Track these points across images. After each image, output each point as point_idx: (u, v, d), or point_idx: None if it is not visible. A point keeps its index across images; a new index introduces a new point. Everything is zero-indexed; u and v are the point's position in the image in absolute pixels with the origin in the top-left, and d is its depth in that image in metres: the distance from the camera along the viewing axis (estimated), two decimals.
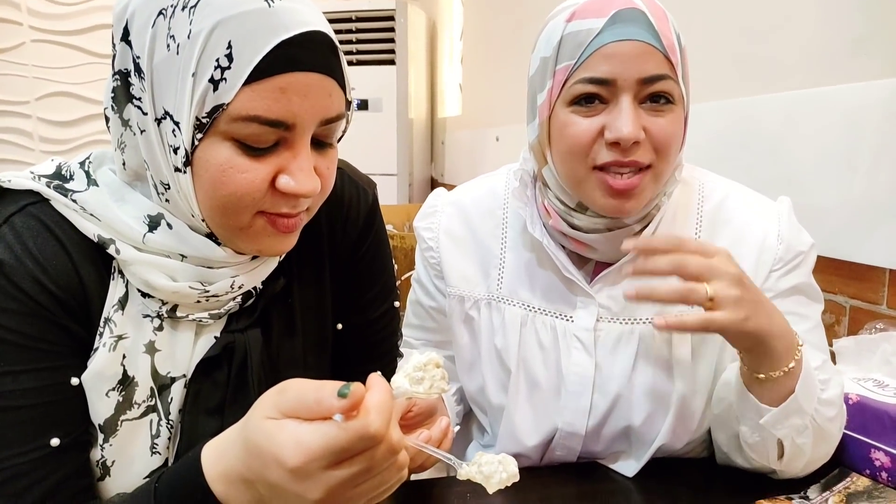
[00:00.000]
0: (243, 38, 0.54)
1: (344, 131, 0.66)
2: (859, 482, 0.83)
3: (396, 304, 0.83)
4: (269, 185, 0.59)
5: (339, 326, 0.77)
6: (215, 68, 0.54)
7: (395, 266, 2.17)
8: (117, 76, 0.59)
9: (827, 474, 0.84)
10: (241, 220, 0.60)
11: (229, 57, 0.54)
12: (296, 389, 0.47)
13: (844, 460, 0.85)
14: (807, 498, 0.80)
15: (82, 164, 0.64)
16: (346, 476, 0.45)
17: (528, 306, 0.89)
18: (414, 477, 1.08)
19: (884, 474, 0.82)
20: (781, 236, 0.84)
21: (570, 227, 0.84)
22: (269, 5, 0.55)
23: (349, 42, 3.59)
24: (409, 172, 3.70)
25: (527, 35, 2.62)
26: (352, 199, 0.77)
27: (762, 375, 0.72)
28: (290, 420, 0.45)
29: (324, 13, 0.61)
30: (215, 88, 0.54)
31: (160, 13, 0.55)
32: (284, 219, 0.61)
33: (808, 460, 0.79)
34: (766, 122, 1.19)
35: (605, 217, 0.81)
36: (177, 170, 0.58)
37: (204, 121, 0.55)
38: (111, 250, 0.59)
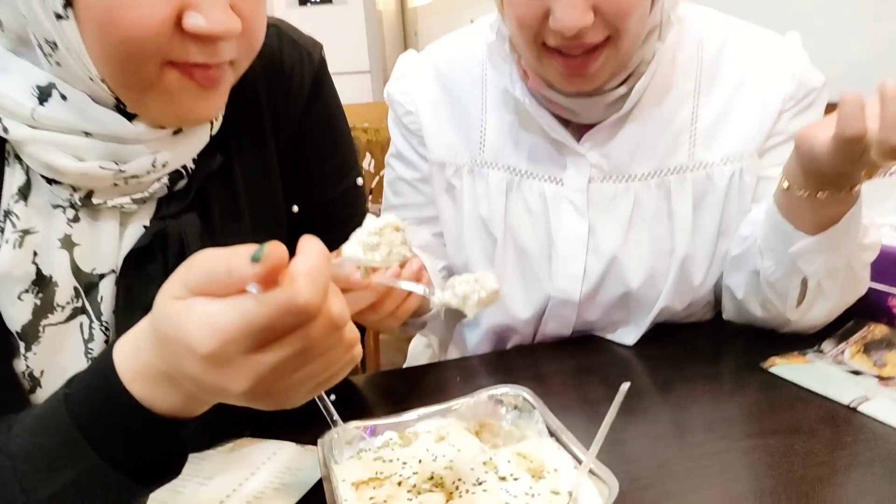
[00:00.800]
0: None
1: None
2: (876, 331, 0.78)
3: (359, 181, 0.73)
4: (176, 28, 0.47)
5: (295, 209, 0.68)
6: None
7: (373, 162, 2.05)
8: None
9: (842, 326, 0.79)
10: (146, 74, 0.48)
11: None
12: (204, 261, 0.36)
13: (860, 310, 0.79)
14: (821, 351, 0.75)
15: None
16: (275, 361, 0.36)
17: (514, 170, 0.82)
18: (399, 367, 1.02)
19: None
20: (792, 73, 0.77)
21: (551, 90, 0.75)
22: None
23: None
24: (382, 69, 3.52)
25: None
26: (294, 64, 0.66)
27: (822, 193, 0.63)
28: (200, 298, 0.35)
29: None
30: None
31: None
32: (202, 69, 0.50)
33: (832, 310, 0.74)
34: None
35: None
36: (59, 17, 0.46)
37: None
38: None
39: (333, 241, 0.70)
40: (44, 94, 0.50)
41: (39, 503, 0.40)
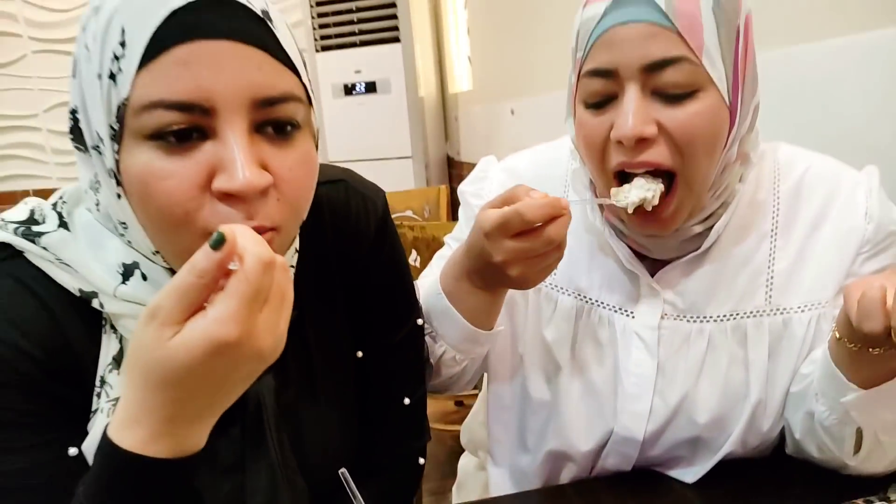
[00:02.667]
0: (134, 19, 0.46)
1: (316, 135, 0.57)
2: None
3: (420, 321, 0.76)
4: (208, 193, 0.49)
5: (360, 354, 0.71)
6: (112, 60, 0.47)
7: (418, 259, 2.08)
8: (70, 116, 0.52)
9: None
10: (189, 244, 0.47)
11: (123, 44, 0.47)
12: (165, 293, 0.42)
13: None
14: (887, 499, 0.72)
15: (55, 205, 0.58)
16: (271, 311, 0.44)
17: (584, 297, 0.81)
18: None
19: None
20: (870, 214, 0.74)
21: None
22: None
23: (350, 23, 3.49)
24: (424, 153, 3.61)
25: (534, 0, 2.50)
26: (360, 214, 0.70)
27: (876, 350, 0.61)
28: (191, 319, 0.42)
29: None
30: (115, 83, 0.47)
31: (83, 29, 0.50)
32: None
33: (891, 462, 0.71)
34: (808, 73, 1.09)
35: None
36: (118, 197, 0.51)
37: (116, 127, 0.48)
38: (95, 304, 0.53)
39: (398, 382, 0.73)
40: (127, 272, 0.54)
41: None
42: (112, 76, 0.47)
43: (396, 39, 3.45)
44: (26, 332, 0.52)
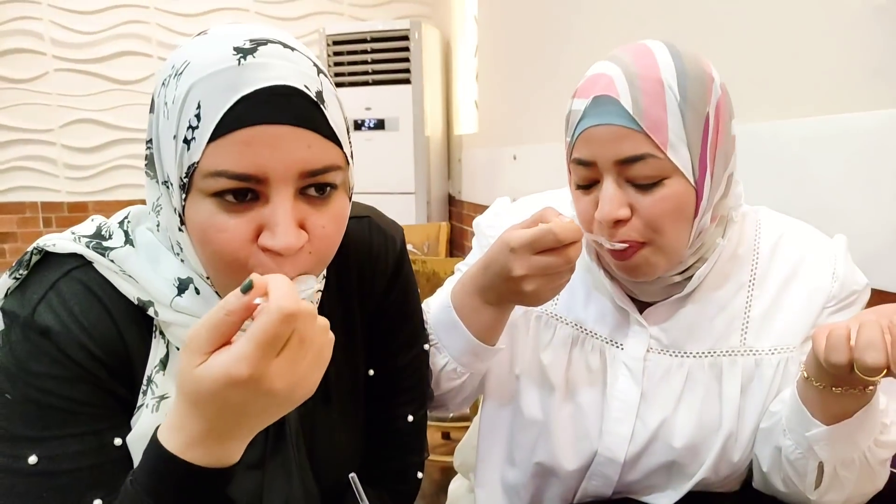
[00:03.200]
0: (210, 97, 0.55)
1: (351, 190, 0.66)
2: None
3: (426, 346, 0.84)
4: (254, 244, 0.58)
5: (371, 373, 0.78)
6: (188, 129, 0.56)
7: (418, 291, 2.18)
8: (148, 145, 0.62)
9: None
10: (236, 279, 0.57)
11: (198, 116, 0.55)
12: (201, 327, 0.48)
13: (883, 497, 0.84)
14: None
15: (121, 223, 0.66)
16: (290, 358, 0.48)
17: (580, 327, 0.90)
18: None
19: None
20: (836, 274, 0.84)
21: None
22: (239, 63, 0.55)
23: (364, 63, 3.62)
24: (426, 190, 3.72)
25: (541, 53, 2.64)
26: (380, 249, 0.78)
27: (838, 389, 0.70)
28: (216, 352, 0.48)
29: (338, 34, 0.63)
30: (188, 148, 0.56)
31: (163, 83, 0.59)
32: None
33: (848, 497, 0.78)
34: (787, 147, 1.19)
35: None
36: (179, 230, 0.60)
37: (185, 181, 0.57)
38: (150, 312, 0.61)
39: (403, 400, 0.80)
40: (183, 286, 0.62)
41: None
42: (186, 141, 0.56)
43: (407, 81, 3.58)
44: (91, 334, 0.60)
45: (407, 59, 3.58)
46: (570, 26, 2.25)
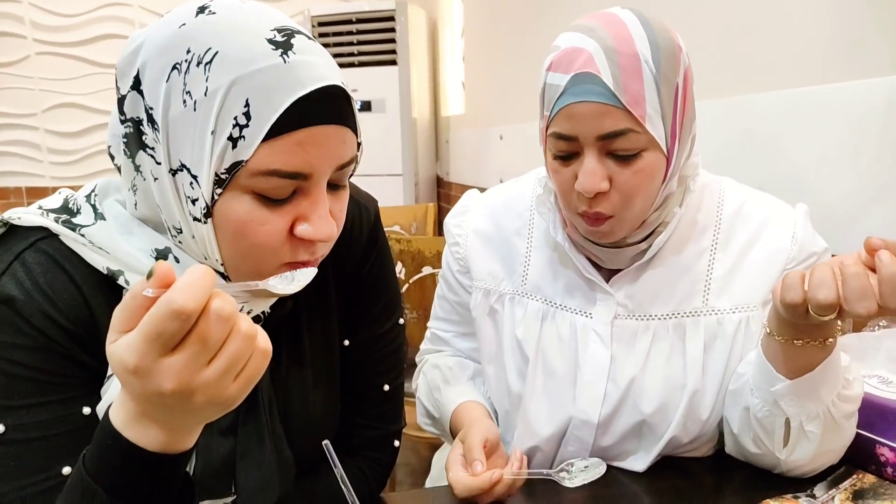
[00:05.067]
0: (260, 96, 0.55)
1: (354, 169, 0.66)
2: (865, 479, 0.84)
3: (401, 321, 0.84)
4: (290, 236, 0.60)
5: (346, 343, 0.79)
6: (234, 126, 0.55)
7: (403, 270, 2.17)
8: (129, 123, 0.59)
9: (833, 472, 0.85)
10: (264, 269, 0.61)
11: (247, 115, 0.55)
12: (118, 305, 0.45)
13: (850, 457, 0.86)
14: (813, 496, 0.81)
15: (88, 197, 0.66)
16: (185, 360, 0.43)
17: (550, 301, 0.94)
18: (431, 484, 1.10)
19: (889, 469, 0.83)
20: (796, 237, 0.88)
21: (584, 238, 0.88)
22: (285, 61, 0.55)
23: (350, 44, 3.59)
24: (414, 172, 3.71)
25: (527, 33, 2.63)
26: (354, 219, 0.78)
27: (799, 342, 0.73)
28: (123, 335, 0.44)
29: (324, 16, 0.62)
30: (234, 146, 0.55)
31: (174, 67, 0.56)
32: (304, 263, 0.62)
33: (815, 454, 0.80)
34: (767, 120, 1.20)
35: None
36: (196, 219, 0.59)
37: (223, 176, 0.57)
38: (121, 281, 0.61)
39: (379, 370, 0.81)
40: (161, 255, 0.62)
41: None
42: (232, 139, 0.55)
43: (394, 62, 3.56)
44: (56, 303, 0.60)
45: (393, 41, 3.56)
46: (555, 6, 2.24)
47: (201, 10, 0.58)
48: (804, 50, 1.14)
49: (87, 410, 0.61)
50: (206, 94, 0.55)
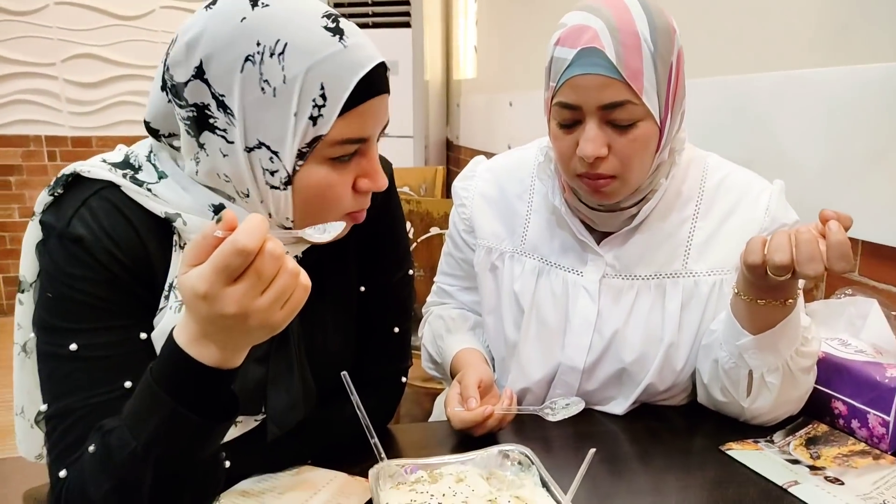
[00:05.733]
0: (332, 80, 0.65)
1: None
2: (819, 429, 0.94)
3: (411, 271, 0.94)
4: (353, 191, 0.72)
5: (363, 289, 0.89)
6: (313, 107, 0.65)
7: (412, 230, 2.27)
8: (192, 108, 0.67)
9: (792, 422, 0.96)
10: (329, 219, 0.72)
11: (323, 97, 0.65)
12: (189, 245, 0.55)
13: (809, 410, 0.96)
14: (772, 441, 0.91)
15: (148, 157, 0.74)
16: (245, 289, 0.53)
17: (546, 260, 1.03)
18: (418, 419, 1.21)
19: (841, 421, 0.94)
20: (769, 209, 0.97)
21: (581, 203, 0.97)
22: (344, 46, 0.66)
23: (365, 4, 3.62)
24: (424, 135, 3.77)
25: (538, 1, 2.66)
26: None
27: (762, 301, 0.83)
28: (194, 267, 0.54)
29: None
30: (314, 124, 0.66)
31: (247, 59, 0.64)
32: (359, 213, 0.75)
33: (774, 403, 0.90)
34: (758, 99, 1.27)
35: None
36: (273, 187, 0.69)
37: (304, 150, 0.67)
38: (178, 223, 0.70)
39: (390, 314, 0.91)
40: (217, 210, 0.71)
41: (143, 443, 0.58)
42: (312, 118, 0.65)
43: (407, 24, 3.60)
44: (117, 243, 0.69)
45: (407, 2, 3.59)
46: None
47: (253, 2, 0.66)
48: (793, 33, 1.21)
49: (143, 335, 0.71)
50: (284, 82, 0.64)
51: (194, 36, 0.65)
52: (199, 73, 0.65)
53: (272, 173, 0.68)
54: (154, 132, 0.74)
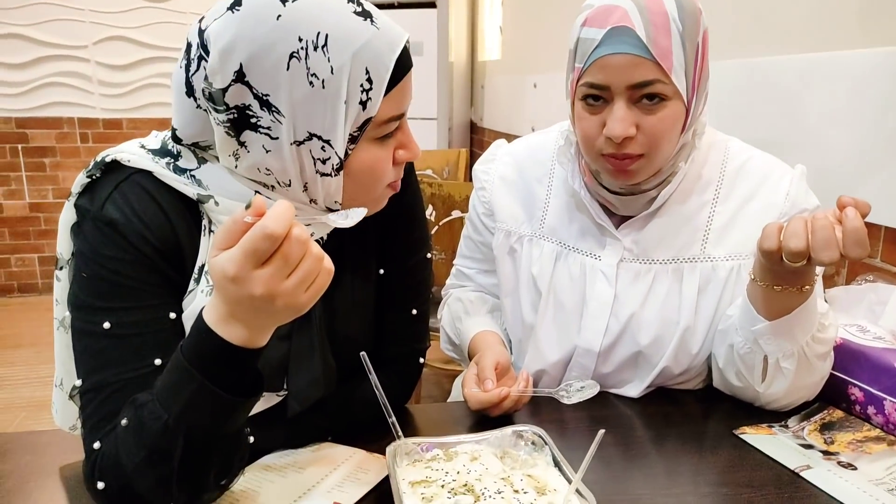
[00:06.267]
0: (375, 63, 0.68)
1: None
2: (835, 414, 0.95)
3: (429, 255, 0.96)
4: (394, 163, 0.76)
5: (382, 272, 0.91)
6: (362, 91, 0.68)
7: (434, 213, 2.29)
8: (233, 111, 0.67)
9: (807, 408, 0.96)
10: (376, 197, 0.78)
11: (369, 80, 0.68)
12: (220, 229, 0.58)
13: (825, 396, 0.97)
14: (786, 426, 0.92)
15: (191, 147, 0.75)
16: (272, 272, 0.56)
17: (564, 244, 1.04)
18: (438, 400, 1.23)
19: (857, 407, 0.94)
20: (789, 195, 0.96)
21: (601, 186, 0.98)
22: (377, 28, 0.68)
23: None
24: (448, 117, 3.77)
25: None
26: None
27: (778, 287, 0.83)
28: (223, 251, 0.57)
29: None
30: (364, 108, 0.69)
31: (292, 56, 0.65)
32: (397, 182, 0.80)
33: (789, 388, 0.91)
34: (782, 81, 1.25)
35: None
36: (324, 175, 0.71)
37: (356, 134, 0.70)
38: (209, 205, 0.72)
39: (408, 296, 0.93)
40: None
41: (174, 416, 0.61)
42: (362, 103, 0.68)
43: (433, 5, 3.58)
44: (148, 226, 0.72)
45: None
46: None
47: None
48: (820, 15, 1.19)
49: (172, 315, 0.74)
50: (332, 73, 0.66)
51: (229, 42, 0.66)
52: (240, 77, 0.66)
53: (324, 161, 0.70)
54: (178, 140, 0.75)
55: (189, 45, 0.70)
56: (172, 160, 0.74)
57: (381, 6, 0.73)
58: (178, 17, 3.89)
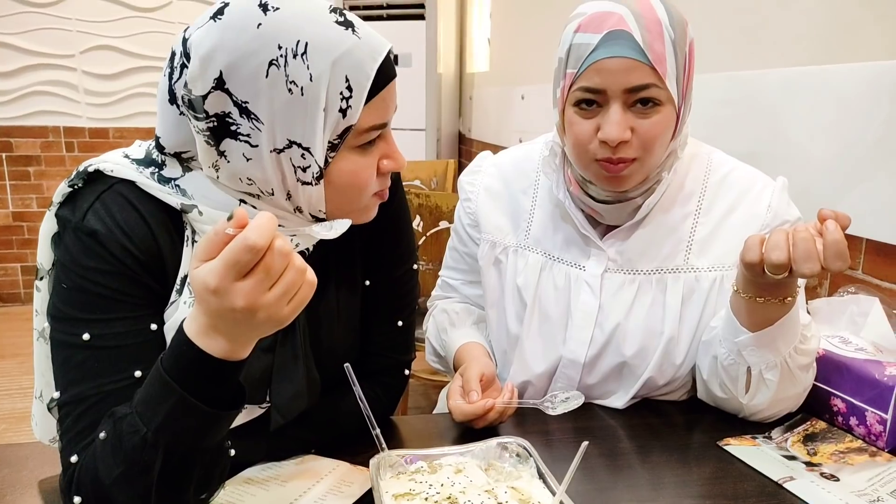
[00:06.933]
0: (355, 71, 0.68)
1: None
2: (817, 425, 0.95)
3: (416, 266, 0.95)
4: (378, 173, 0.76)
5: (367, 283, 0.90)
6: (341, 99, 0.68)
7: (421, 222, 2.28)
8: (212, 119, 0.67)
9: (791, 419, 0.96)
10: (361, 206, 0.78)
11: (349, 88, 0.68)
12: (202, 240, 0.57)
13: (808, 407, 0.97)
14: (770, 438, 0.92)
15: (175, 155, 0.75)
16: (254, 284, 0.55)
17: (549, 255, 1.05)
18: (425, 411, 1.22)
19: (839, 419, 0.94)
20: (771, 206, 0.97)
21: (587, 195, 0.98)
22: (359, 37, 0.68)
23: None
24: (437, 128, 3.78)
25: None
26: None
27: (761, 299, 0.84)
28: (205, 262, 0.56)
29: None
30: (344, 115, 0.68)
31: (272, 64, 0.65)
32: (383, 192, 0.79)
33: (773, 400, 0.91)
34: (766, 95, 1.27)
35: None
36: (305, 183, 0.71)
37: (336, 142, 0.70)
38: (192, 214, 0.72)
39: (394, 308, 0.92)
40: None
41: (153, 430, 0.60)
42: (342, 110, 0.68)
43: (422, 17, 3.60)
44: (130, 236, 0.71)
45: None
46: None
47: (263, 7, 0.66)
48: (802, 30, 1.21)
49: (153, 327, 0.73)
50: (311, 80, 0.66)
51: (210, 49, 0.66)
52: (220, 84, 0.66)
53: (304, 170, 0.70)
54: (161, 149, 0.74)
55: (173, 54, 0.70)
56: (157, 169, 0.74)
57: (369, 18, 0.75)
58: (166, 27, 3.89)
